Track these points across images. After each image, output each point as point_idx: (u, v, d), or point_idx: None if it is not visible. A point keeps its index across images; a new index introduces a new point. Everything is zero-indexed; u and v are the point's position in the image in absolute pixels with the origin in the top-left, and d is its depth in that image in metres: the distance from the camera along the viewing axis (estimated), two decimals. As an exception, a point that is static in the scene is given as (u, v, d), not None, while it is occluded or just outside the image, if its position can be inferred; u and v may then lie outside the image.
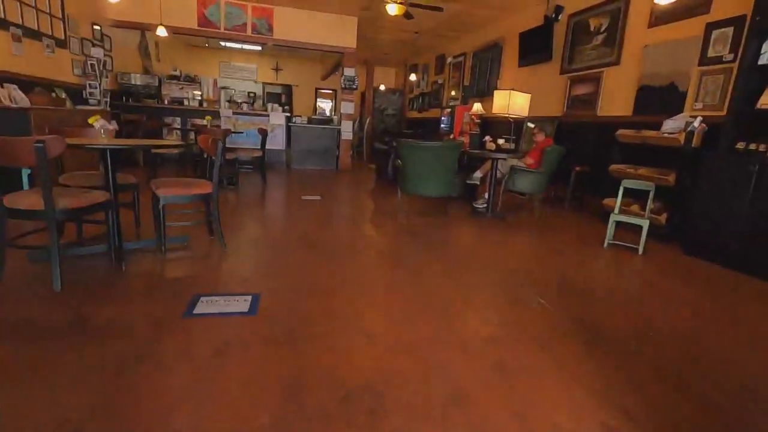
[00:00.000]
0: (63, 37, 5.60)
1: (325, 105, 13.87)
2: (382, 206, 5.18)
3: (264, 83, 13.33)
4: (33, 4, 4.92)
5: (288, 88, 13.73)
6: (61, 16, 5.53)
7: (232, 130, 5.78)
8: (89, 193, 2.27)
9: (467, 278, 2.72)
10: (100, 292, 2.16)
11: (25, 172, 3.83)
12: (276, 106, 8.01)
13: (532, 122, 5.76)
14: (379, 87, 12.88)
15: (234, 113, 7.55)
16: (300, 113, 10.60)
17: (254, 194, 5.26)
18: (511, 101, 4.46)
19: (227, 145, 5.33)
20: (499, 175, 4.71)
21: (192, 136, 5.89)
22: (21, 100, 4.54)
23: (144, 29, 7.49)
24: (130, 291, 2.20)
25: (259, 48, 10.48)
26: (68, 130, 2.79)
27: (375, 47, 10.66)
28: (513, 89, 4.63)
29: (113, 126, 2.32)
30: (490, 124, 7.57)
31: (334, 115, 9.75)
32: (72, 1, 5.78)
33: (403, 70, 13.22)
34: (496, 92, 4.71)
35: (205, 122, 5.65)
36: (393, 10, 4.97)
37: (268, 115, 7.70)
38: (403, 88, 13.23)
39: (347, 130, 8.44)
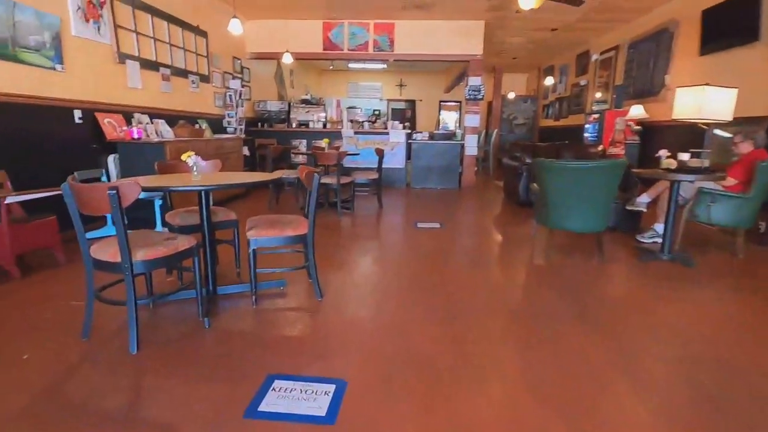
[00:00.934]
0: (206, 73, 6.10)
1: (450, 118, 13.28)
2: (512, 238, 4.32)
3: (388, 100, 13.37)
4: (181, 45, 5.41)
5: (411, 104, 13.54)
6: (205, 54, 6.04)
7: (350, 152, 5.56)
8: (173, 240, 2.04)
9: (644, 368, 1.77)
10: (172, 358, 1.87)
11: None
12: (396, 123, 7.70)
13: (726, 128, 4.24)
14: (507, 95, 11.79)
15: (356, 132, 7.46)
16: (423, 128, 10.17)
17: (367, 220, 4.90)
18: (705, 100, 3.20)
19: (346, 164, 5.13)
20: (680, 200, 3.46)
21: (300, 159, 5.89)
22: (166, 133, 4.95)
23: (278, 59, 7.93)
24: (200, 361, 1.86)
25: (383, 66, 10.44)
26: (167, 165, 2.70)
27: (503, 52, 9.70)
28: (694, 84, 3.36)
29: (216, 165, 2.06)
30: (655, 132, 6.01)
31: (458, 128, 9.09)
32: (215, 40, 6.29)
33: (536, 74, 11.89)
34: (679, 90, 3.48)
35: (323, 144, 5.56)
36: (530, 3, 4.14)
37: (388, 134, 7.42)
38: (536, 93, 11.87)
39: (471, 145, 7.68)
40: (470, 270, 3.25)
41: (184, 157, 2.26)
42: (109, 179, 4.10)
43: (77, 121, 3.79)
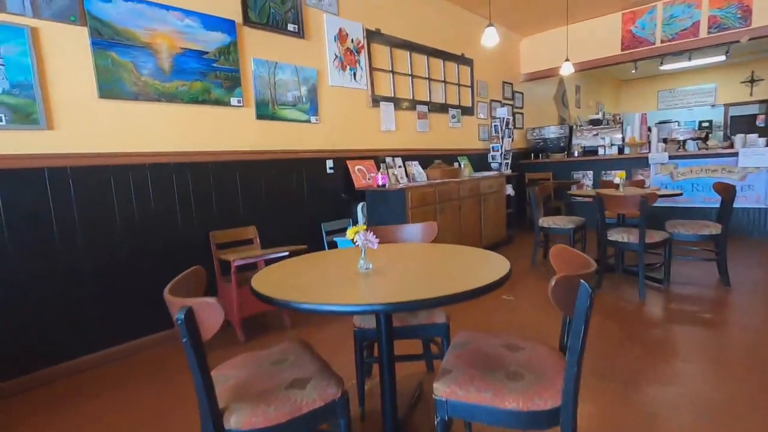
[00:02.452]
0: (470, 104, 5.44)
1: None
2: None
3: (727, 105, 9.45)
4: (441, 79, 4.93)
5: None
6: (469, 83, 5.39)
7: (663, 193, 3.58)
8: (296, 392, 1.15)
9: None
10: None
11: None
12: (751, 137, 4.83)
13: None
14: None
15: (671, 157, 5.12)
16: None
17: (696, 309, 2.82)
18: None
19: (658, 204, 3.23)
20: None
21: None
22: (419, 175, 4.48)
23: (558, 75, 6.54)
24: None
25: (720, 58, 7.21)
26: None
27: None
28: None
29: (375, 240, 0.95)
30: None
31: None
32: (482, 66, 5.58)
33: None
34: None
35: (615, 179, 3.80)
36: None
37: (734, 155, 4.71)
38: None
39: None
40: None
41: (350, 234, 1.39)
42: (354, 230, 3.86)
43: (329, 171, 3.70)
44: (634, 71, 7.31)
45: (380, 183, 3.76)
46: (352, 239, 1.39)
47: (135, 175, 2.56)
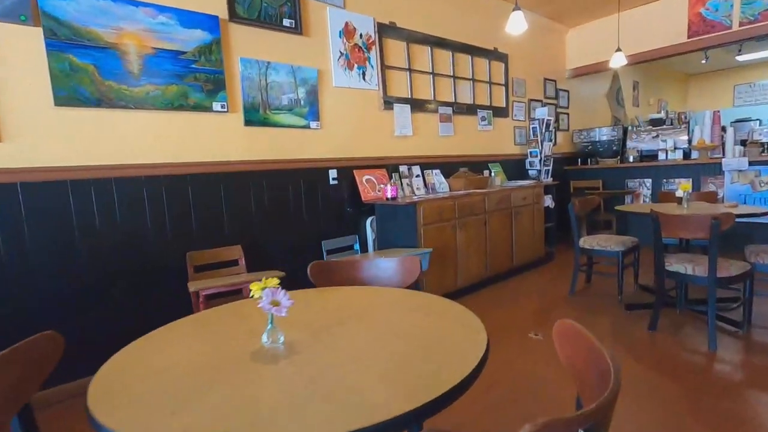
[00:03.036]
0: (503, 104, 4.85)
1: None
2: None
3: (823, 99, 8.08)
4: (469, 77, 4.39)
5: None
6: (503, 81, 4.81)
7: (742, 212, 2.87)
8: None
9: None
10: None
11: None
12: None
13: None
14: None
15: (752, 163, 4.24)
16: None
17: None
18: None
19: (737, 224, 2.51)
20: None
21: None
22: (440, 185, 3.99)
23: (611, 70, 5.76)
24: None
25: (817, 41, 6.04)
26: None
27: None
28: None
29: (286, 304, 0.50)
30: None
31: None
32: (518, 62, 4.97)
33: None
34: None
35: (678, 192, 3.09)
36: None
37: (838, 160, 3.77)
38: None
39: None
40: None
41: (255, 291, 0.96)
42: (360, 248, 3.45)
43: (332, 182, 3.31)
44: (704, 61, 6.32)
45: (389, 195, 3.31)
46: (257, 297, 0.96)
47: (99, 190, 2.30)
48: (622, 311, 3.03)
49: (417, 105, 3.88)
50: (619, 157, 5.51)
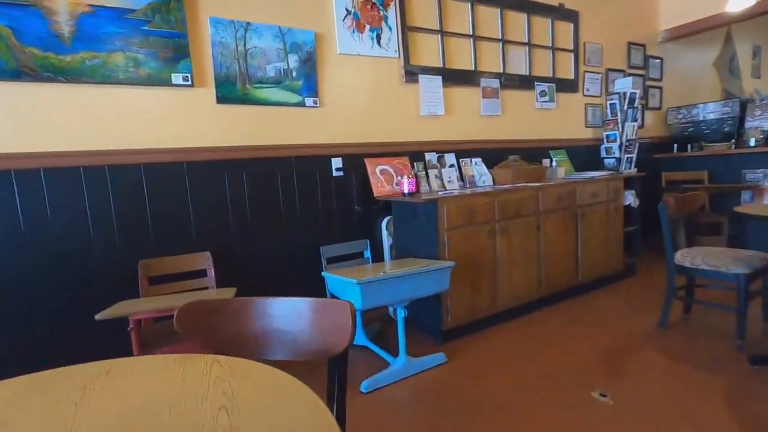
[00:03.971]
0: (571, 76, 3.85)
1: None
2: None
3: None
4: (524, 41, 3.48)
5: None
6: (571, 47, 3.81)
7: None
8: None
9: None
10: None
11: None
12: None
13: None
14: None
15: None
16: None
17: None
18: None
19: None
20: None
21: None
22: (480, 177, 3.17)
23: (723, 28, 4.43)
24: None
25: None
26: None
27: None
28: None
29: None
30: None
31: None
32: (591, 23, 3.92)
33: None
34: None
35: None
36: None
37: None
38: None
39: None
40: None
41: None
42: (373, 257, 2.76)
43: (335, 173, 2.66)
44: None
45: (406, 190, 2.58)
46: None
47: (22, 183, 1.87)
48: (745, 365, 2.02)
49: (451, 76, 3.08)
50: (733, 141, 4.20)
